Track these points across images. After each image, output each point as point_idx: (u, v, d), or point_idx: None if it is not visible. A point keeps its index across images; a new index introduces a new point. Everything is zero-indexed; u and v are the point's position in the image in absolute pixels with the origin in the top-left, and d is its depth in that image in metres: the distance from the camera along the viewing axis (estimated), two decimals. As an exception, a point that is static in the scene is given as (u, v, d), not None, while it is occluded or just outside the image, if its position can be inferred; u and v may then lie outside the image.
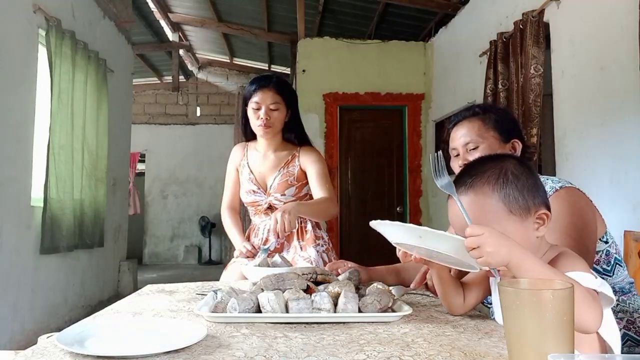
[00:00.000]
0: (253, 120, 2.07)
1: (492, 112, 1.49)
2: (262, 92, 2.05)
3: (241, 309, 1.04)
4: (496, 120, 1.45)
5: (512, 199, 0.93)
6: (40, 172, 3.71)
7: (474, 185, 0.96)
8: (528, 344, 0.64)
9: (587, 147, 3.01)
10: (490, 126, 1.44)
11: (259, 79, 2.13)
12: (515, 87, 3.66)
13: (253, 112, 2.06)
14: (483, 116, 1.46)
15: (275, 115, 2.06)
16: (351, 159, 6.02)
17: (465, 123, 1.47)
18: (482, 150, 1.42)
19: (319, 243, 2.09)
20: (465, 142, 1.45)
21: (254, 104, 2.06)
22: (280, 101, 2.06)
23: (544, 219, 0.95)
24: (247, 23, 7.15)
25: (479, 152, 1.42)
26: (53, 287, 4.00)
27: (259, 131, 2.08)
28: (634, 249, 1.75)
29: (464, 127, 1.47)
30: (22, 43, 3.56)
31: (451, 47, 5.34)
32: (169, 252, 9.41)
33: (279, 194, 2.08)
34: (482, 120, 1.46)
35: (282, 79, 2.18)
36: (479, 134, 1.44)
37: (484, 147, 1.42)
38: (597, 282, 0.86)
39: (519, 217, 0.93)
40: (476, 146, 1.43)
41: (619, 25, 2.78)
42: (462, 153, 1.46)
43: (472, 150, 1.44)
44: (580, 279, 0.84)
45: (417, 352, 0.83)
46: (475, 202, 0.95)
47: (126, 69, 5.70)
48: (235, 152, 2.22)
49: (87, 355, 0.79)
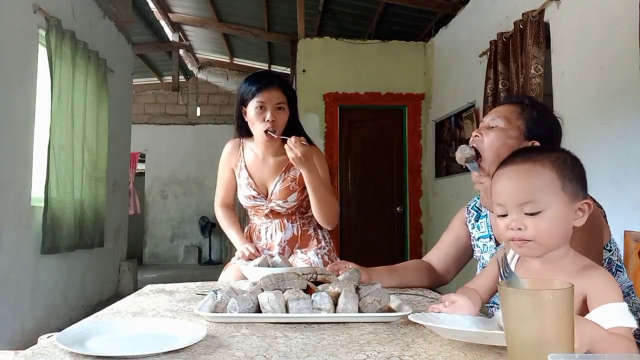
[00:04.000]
0: (257, 124, 1.91)
1: (536, 109, 1.41)
2: (267, 91, 1.90)
3: (241, 309, 1.04)
4: (533, 118, 1.38)
5: (567, 179, 0.94)
6: (41, 172, 3.71)
7: (533, 157, 0.96)
8: (528, 344, 0.64)
9: (587, 147, 3.01)
10: (523, 118, 1.37)
11: (261, 77, 1.97)
12: (515, 87, 3.66)
13: (257, 114, 1.90)
14: (524, 106, 1.40)
15: (281, 116, 1.92)
16: (351, 159, 6.02)
17: (507, 105, 1.42)
18: (499, 131, 1.36)
19: (320, 246, 2.04)
20: (491, 118, 1.39)
21: (257, 103, 1.90)
22: (285, 101, 1.94)
23: (584, 210, 0.96)
24: (247, 23, 7.15)
25: (494, 132, 1.36)
26: (53, 287, 4.00)
27: (262, 138, 1.92)
28: (634, 249, 1.74)
29: (503, 107, 1.42)
30: (22, 43, 3.56)
31: (451, 47, 5.34)
32: (169, 252, 9.41)
33: (280, 201, 1.99)
34: (521, 108, 1.39)
35: (284, 78, 2.06)
36: (508, 117, 1.37)
37: (503, 129, 1.36)
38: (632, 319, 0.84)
39: (568, 197, 0.93)
40: (495, 125, 1.37)
41: (619, 25, 2.78)
42: (482, 126, 1.41)
43: (491, 129, 1.37)
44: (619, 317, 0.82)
45: (417, 352, 0.83)
46: (532, 170, 0.94)
47: (126, 69, 5.70)
48: (230, 151, 2.10)
49: (87, 355, 0.79)
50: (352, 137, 6.04)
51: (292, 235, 2.05)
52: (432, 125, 5.77)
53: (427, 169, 5.89)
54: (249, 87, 1.94)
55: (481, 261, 1.50)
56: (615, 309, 0.84)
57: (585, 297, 0.87)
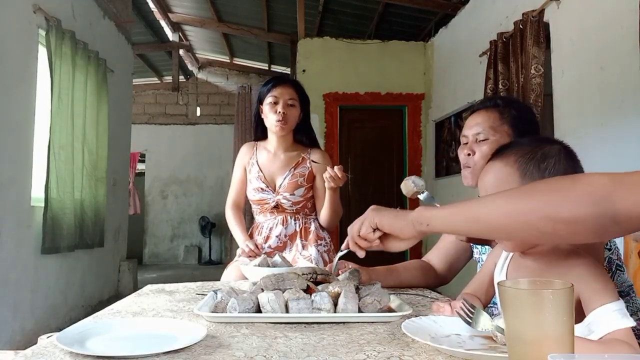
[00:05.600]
0: (270, 116, 2.09)
1: (513, 107, 1.42)
2: (280, 87, 2.10)
3: (241, 309, 1.04)
4: (514, 117, 1.39)
5: (529, 176, 0.90)
6: (41, 172, 3.71)
7: (504, 153, 0.95)
8: (528, 344, 0.64)
9: (587, 147, 3.01)
10: (506, 121, 1.39)
11: (276, 77, 2.20)
12: (515, 87, 3.66)
13: (270, 107, 2.08)
14: (502, 109, 1.40)
15: (292, 111, 2.10)
16: (351, 159, 6.02)
17: (483, 112, 1.42)
18: (491, 143, 1.36)
19: (320, 243, 2.12)
20: (476, 132, 1.40)
21: (271, 97, 2.08)
22: (296, 99, 2.11)
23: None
24: (247, 23, 7.15)
25: (487, 145, 1.37)
26: (53, 287, 4.00)
27: (275, 127, 2.09)
28: (634, 249, 1.74)
29: (481, 116, 1.42)
30: (22, 43, 3.56)
31: (451, 47, 5.34)
32: (169, 252, 9.41)
33: (287, 194, 2.10)
34: (500, 112, 1.40)
35: (298, 81, 2.27)
36: (493, 126, 1.38)
37: (494, 140, 1.37)
38: (629, 317, 0.81)
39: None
40: (486, 138, 1.38)
41: (619, 25, 2.78)
42: (470, 142, 1.41)
43: (481, 141, 1.39)
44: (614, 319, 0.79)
45: (417, 352, 0.83)
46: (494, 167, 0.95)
47: (126, 69, 5.70)
48: (244, 150, 2.24)
49: (87, 355, 0.79)
50: (352, 137, 6.04)
51: (294, 231, 2.14)
52: (432, 125, 5.77)
53: (427, 169, 5.89)
54: (265, 86, 2.14)
55: (480, 262, 1.50)
56: (607, 311, 0.81)
57: (578, 298, 0.85)
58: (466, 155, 1.42)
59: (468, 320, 0.87)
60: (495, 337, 0.85)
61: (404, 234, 0.97)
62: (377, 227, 1.01)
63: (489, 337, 0.88)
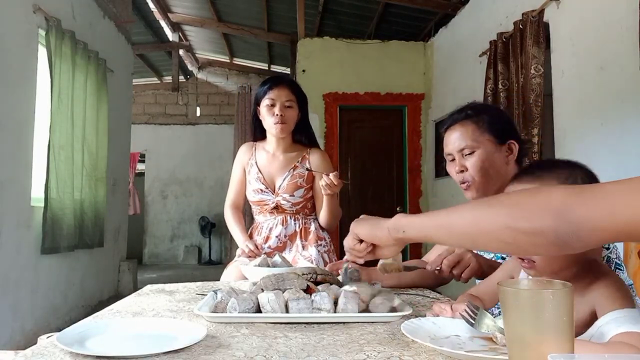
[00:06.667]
0: (267, 118, 2.08)
1: (485, 113, 1.44)
2: (277, 89, 2.08)
3: (241, 309, 1.04)
4: (490, 122, 1.41)
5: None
6: (41, 172, 3.71)
7: (543, 177, 0.94)
8: (528, 344, 0.64)
9: (587, 147, 3.01)
10: (484, 129, 1.41)
11: (272, 78, 2.17)
12: (515, 87, 3.66)
13: (267, 110, 2.07)
14: (476, 119, 1.42)
15: (290, 112, 2.08)
16: (351, 159, 6.02)
17: (458, 127, 1.44)
18: (479, 155, 1.39)
19: (320, 244, 2.12)
20: (460, 148, 1.42)
21: (268, 100, 2.07)
22: (293, 99, 2.10)
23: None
24: (247, 23, 7.15)
25: (476, 157, 1.40)
26: (53, 287, 4.00)
27: (273, 129, 2.08)
28: (634, 249, 1.74)
29: (457, 131, 1.44)
30: (22, 43, 3.56)
31: (451, 47, 5.34)
32: (169, 252, 9.41)
33: (287, 195, 2.10)
34: (475, 123, 1.42)
35: (295, 81, 2.25)
36: (474, 138, 1.40)
37: (480, 151, 1.40)
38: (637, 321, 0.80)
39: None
40: (472, 151, 1.41)
41: (619, 25, 2.78)
42: (457, 158, 1.44)
43: (467, 155, 1.41)
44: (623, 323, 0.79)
45: (417, 352, 0.83)
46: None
47: (126, 69, 5.70)
48: (243, 150, 2.23)
49: (87, 355, 0.79)
50: (352, 137, 6.04)
51: (294, 231, 2.14)
52: (432, 125, 5.77)
53: (426, 169, 5.89)
54: (262, 88, 2.13)
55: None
56: (617, 315, 0.81)
57: (594, 309, 0.85)
58: (458, 172, 1.44)
59: (471, 322, 0.87)
60: (495, 339, 0.85)
61: (382, 242, 0.98)
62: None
63: (488, 338, 0.88)
